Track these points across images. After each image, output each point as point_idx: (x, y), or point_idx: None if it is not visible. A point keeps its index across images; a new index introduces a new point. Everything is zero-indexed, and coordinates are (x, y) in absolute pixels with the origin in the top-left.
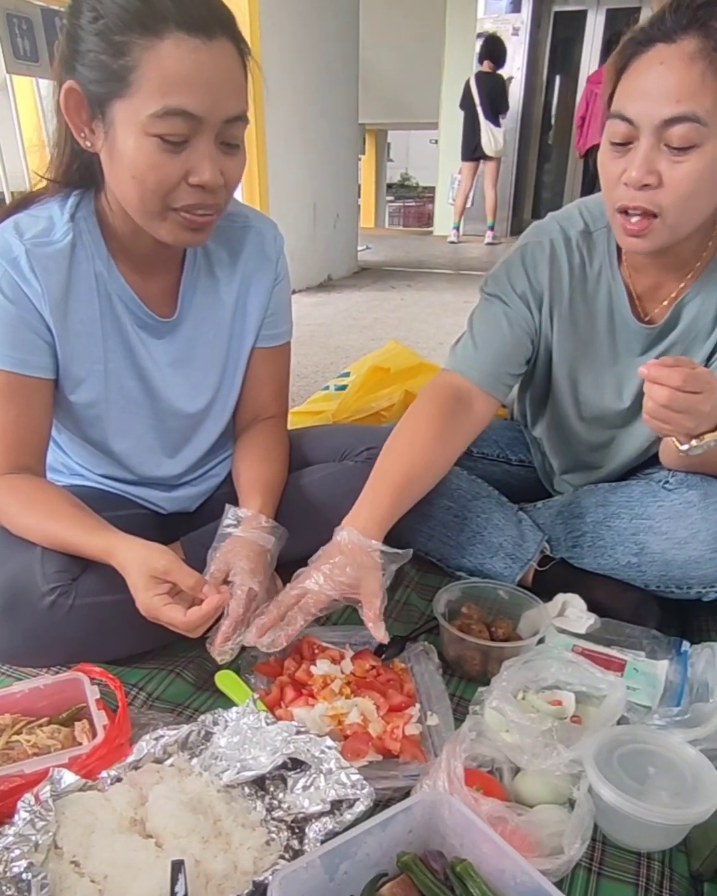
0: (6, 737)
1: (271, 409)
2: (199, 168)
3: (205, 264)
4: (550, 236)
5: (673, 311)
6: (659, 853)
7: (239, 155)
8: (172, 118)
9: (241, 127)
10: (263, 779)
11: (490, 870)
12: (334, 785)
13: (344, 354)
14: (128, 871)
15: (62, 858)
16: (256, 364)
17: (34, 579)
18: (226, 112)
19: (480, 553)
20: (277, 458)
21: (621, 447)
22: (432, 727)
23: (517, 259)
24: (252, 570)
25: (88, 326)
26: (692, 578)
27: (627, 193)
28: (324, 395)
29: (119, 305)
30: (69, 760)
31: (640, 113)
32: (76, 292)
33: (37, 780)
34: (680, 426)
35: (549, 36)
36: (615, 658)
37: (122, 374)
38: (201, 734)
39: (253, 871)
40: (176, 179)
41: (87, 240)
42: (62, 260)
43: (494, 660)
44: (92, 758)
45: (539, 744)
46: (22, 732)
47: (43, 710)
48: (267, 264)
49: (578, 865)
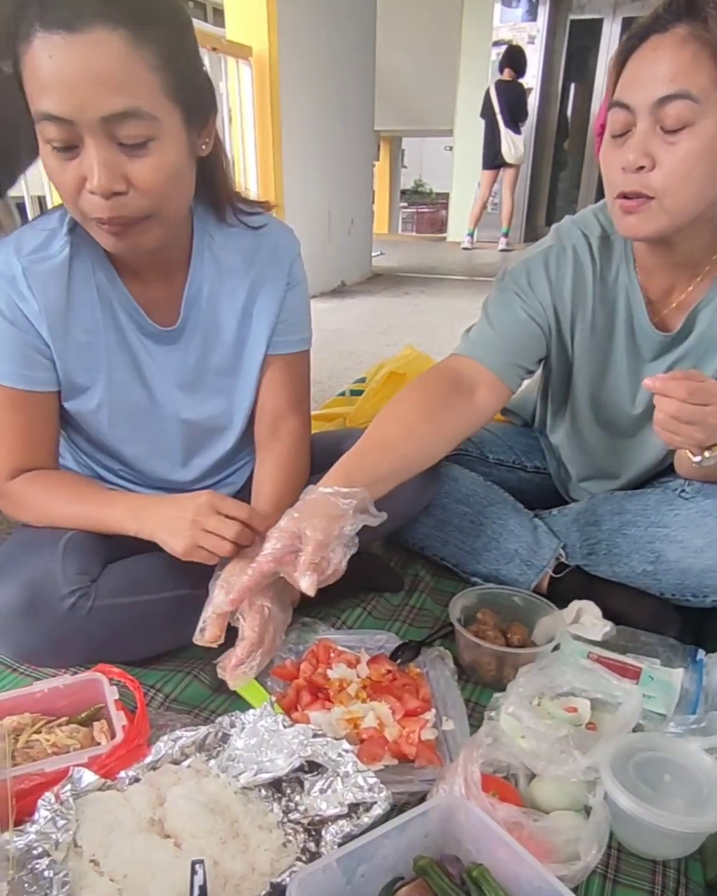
0: (26, 736)
1: (291, 418)
2: (89, 174)
3: (214, 271)
4: (573, 242)
5: (688, 317)
6: (675, 861)
7: (151, 156)
8: (46, 123)
9: (134, 125)
10: (279, 781)
11: (506, 875)
12: (351, 788)
13: (358, 360)
14: (147, 870)
15: (82, 857)
16: (270, 371)
17: (55, 581)
18: (98, 111)
19: (495, 559)
20: (292, 471)
21: (637, 455)
22: (448, 732)
23: (540, 262)
24: (263, 589)
25: (91, 336)
26: (708, 587)
27: (624, 179)
28: (339, 399)
29: (121, 314)
30: (89, 760)
31: (635, 97)
32: (77, 304)
33: (57, 780)
34: (691, 437)
35: (565, 44)
36: (630, 665)
37: (126, 383)
38: (219, 736)
39: (270, 873)
40: (75, 186)
41: (88, 250)
42: (60, 274)
43: (509, 666)
44: (111, 757)
45: (555, 750)
46: (41, 732)
47: (62, 710)
48: (279, 270)
49: (593, 872)
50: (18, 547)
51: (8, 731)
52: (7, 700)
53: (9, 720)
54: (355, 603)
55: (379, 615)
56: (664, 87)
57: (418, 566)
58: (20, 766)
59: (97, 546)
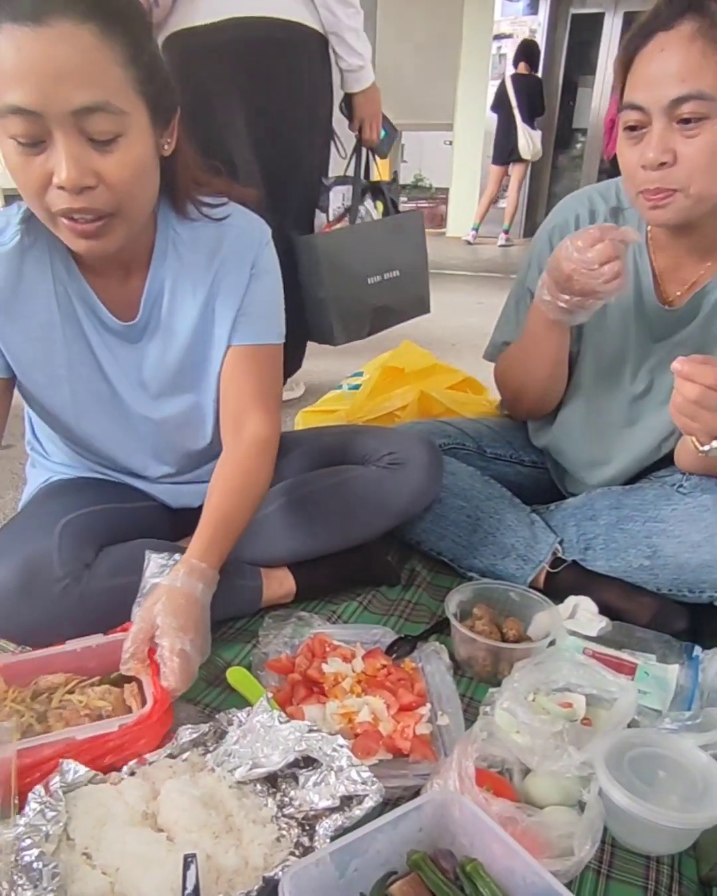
0: (59, 695)
1: (254, 414)
2: (57, 168)
3: (176, 267)
4: (576, 212)
5: (695, 297)
6: (668, 857)
7: (119, 152)
8: (11, 117)
9: (104, 119)
10: (275, 776)
11: (500, 870)
12: (344, 781)
13: (356, 354)
14: (139, 864)
15: (74, 850)
16: (233, 362)
17: (51, 563)
18: (67, 104)
19: (492, 554)
20: (246, 487)
21: (630, 443)
22: (443, 727)
23: (545, 245)
24: (181, 626)
25: (47, 331)
26: (705, 582)
27: (646, 177)
28: (337, 394)
29: (80, 309)
30: (120, 728)
31: (648, 99)
32: (29, 296)
33: (88, 747)
34: (706, 424)
35: (566, 39)
36: (626, 661)
37: (88, 378)
38: (216, 732)
39: (263, 868)
40: (41, 182)
41: (46, 242)
42: (8, 262)
43: (504, 661)
44: (143, 724)
45: (550, 745)
46: (74, 692)
47: (94, 670)
48: (241, 261)
49: (587, 867)
50: (17, 529)
51: (41, 690)
52: (40, 658)
53: (43, 679)
54: (351, 597)
55: (375, 610)
56: (677, 89)
57: (414, 561)
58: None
59: (94, 530)
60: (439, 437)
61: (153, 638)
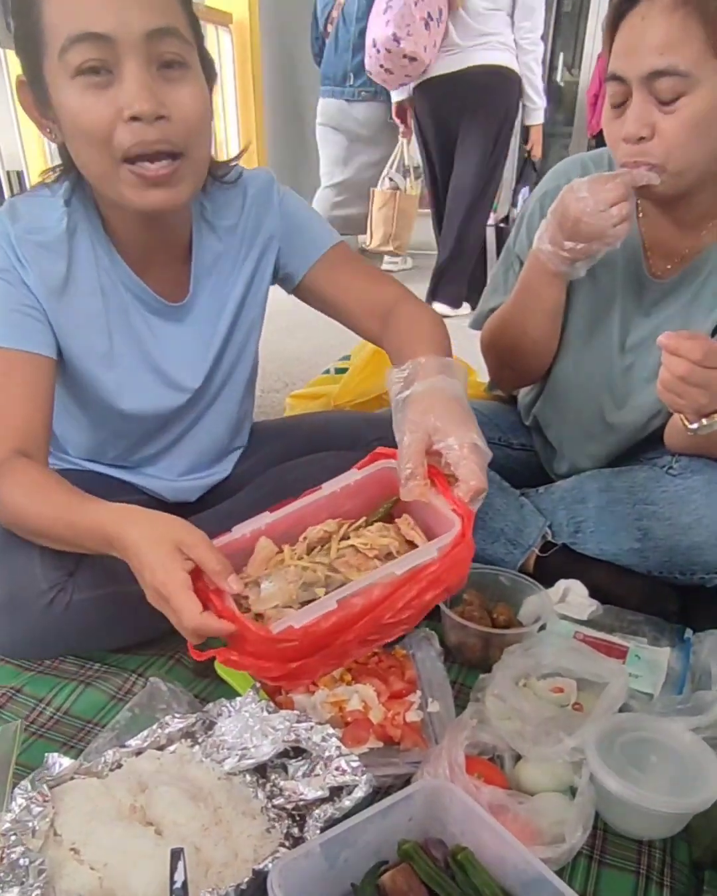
0: (336, 544)
1: (390, 294)
2: (129, 97)
3: (213, 239)
4: (568, 176)
5: (684, 271)
6: (660, 841)
7: (188, 81)
8: (80, 45)
9: (175, 44)
10: (264, 767)
11: (491, 858)
12: (333, 771)
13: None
14: (128, 858)
15: (61, 846)
16: (323, 282)
17: (34, 577)
18: (142, 25)
19: (481, 538)
20: (430, 321)
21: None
22: (433, 714)
23: (537, 213)
24: (462, 421)
25: (93, 319)
26: (696, 565)
27: (627, 150)
28: (325, 378)
29: (126, 295)
30: (439, 553)
31: (626, 68)
32: (77, 282)
33: (410, 584)
34: (694, 401)
35: (553, 9)
36: (616, 645)
37: (133, 366)
38: (205, 723)
39: (253, 860)
40: (110, 118)
41: (87, 228)
42: (58, 247)
43: (495, 646)
44: (461, 545)
45: (541, 731)
46: (350, 537)
47: (351, 513)
48: (267, 202)
49: (579, 853)
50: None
51: (313, 543)
52: (300, 510)
53: (313, 530)
54: None
55: None
56: (653, 61)
57: None
58: (360, 580)
59: None
60: None
61: (429, 451)
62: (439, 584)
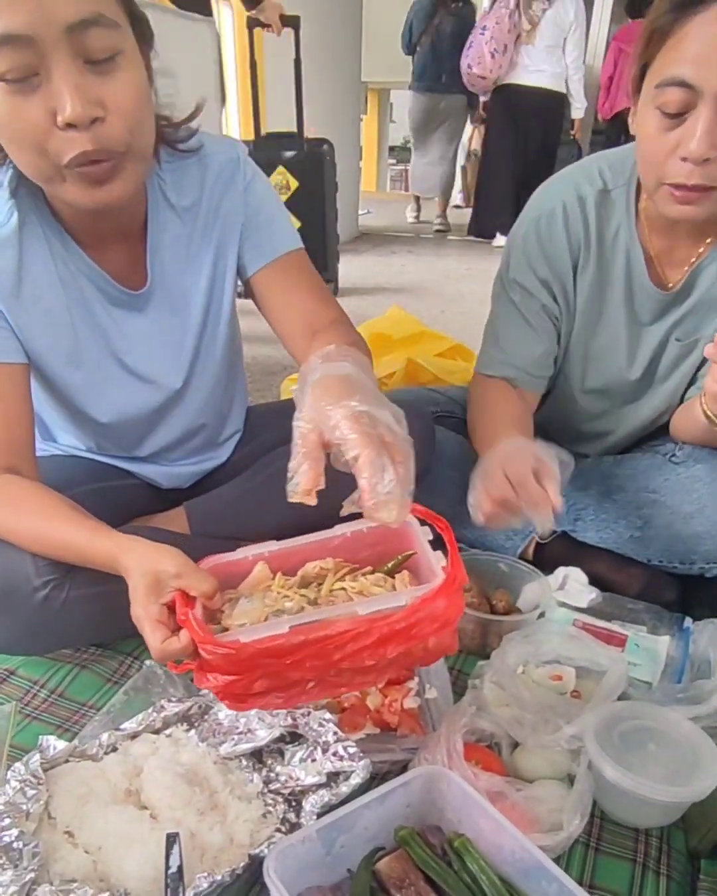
0: (329, 583)
1: (327, 317)
2: (58, 102)
3: (173, 219)
4: (562, 199)
5: (689, 276)
6: (657, 830)
7: (120, 71)
8: (1, 51)
9: (101, 34)
10: (260, 751)
11: (488, 845)
12: (331, 757)
13: None
14: (122, 842)
15: (56, 829)
16: (268, 285)
17: (27, 573)
18: (63, 19)
19: None
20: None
21: (627, 419)
22: (431, 701)
23: (532, 237)
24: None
25: (54, 316)
26: (696, 554)
27: (683, 169)
28: None
29: (86, 286)
30: (409, 604)
31: (701, 78)
32: (32, 277)
33: (368, 628)
34: None
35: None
36: (616, 633)
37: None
38: (202, 707)
39: (249, 844)
40: (43, 125)
41: (37, 218)
42: (8, 244)
43: (493, 633)
44: (434, 600)
45: (539, 719)
46: (345, 580)
47: (365, 561)
48: (231, 183)
49: (576, 841)
50: None
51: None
52: (306, 545)
53: (311, 566)
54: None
55: None
56: None
57: None
58: (321, 610)
59: None
60: (428, 406)
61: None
62: (407, 639)
